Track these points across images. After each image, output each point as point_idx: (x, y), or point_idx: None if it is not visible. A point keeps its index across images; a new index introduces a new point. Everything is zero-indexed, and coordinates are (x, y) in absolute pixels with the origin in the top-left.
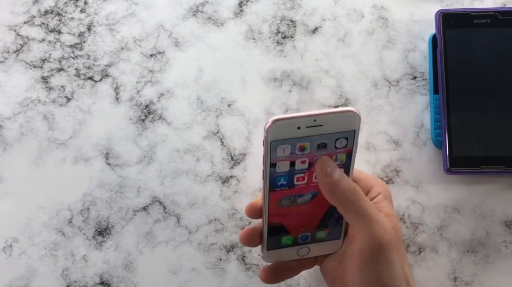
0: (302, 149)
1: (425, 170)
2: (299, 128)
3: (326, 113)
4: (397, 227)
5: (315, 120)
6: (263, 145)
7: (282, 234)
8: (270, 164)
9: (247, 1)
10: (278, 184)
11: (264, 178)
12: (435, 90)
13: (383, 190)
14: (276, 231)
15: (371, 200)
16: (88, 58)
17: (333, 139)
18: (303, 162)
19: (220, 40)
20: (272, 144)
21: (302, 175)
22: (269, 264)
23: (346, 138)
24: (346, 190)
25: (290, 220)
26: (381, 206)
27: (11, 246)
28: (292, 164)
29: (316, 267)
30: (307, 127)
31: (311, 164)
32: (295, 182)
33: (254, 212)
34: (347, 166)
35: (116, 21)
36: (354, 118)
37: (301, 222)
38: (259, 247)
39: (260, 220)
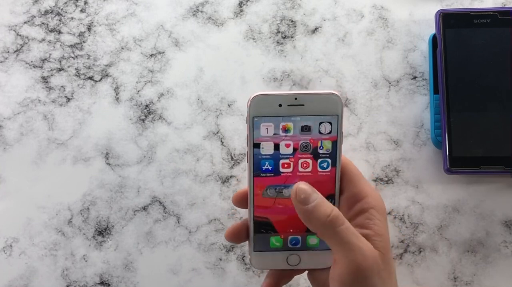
0: (286, 130)
1: (425, 170)
2: (280, 105)
3: (307, 93)
4: (386, 248)
5: (296, 99)
6: (246, 122)
7: (269, 233)
8: (254, 144)
9: (247, 1)
10: (263, 168)
11: (248, 161)
12: (435, 90)
13: (377, 205)
14: (263, 228)
15: (361, 212)
16: (88, 58)
17: (317, 122)
18: (287, 145)
19: (220, 40)
20: (254, 121)
21: (287, 161)
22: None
23: (330, 123)
24: (323, 216)
25: (277, 215)
26: (373, 223)
27: (11, 246)
28: (277, 147)
29: None
30: (289, 105)
31: (296, 149)
32: (281, 169)
33: (240, 200)
34: (333, 156)
35: (116, 21)
36: (335, 101)
37: (289, 220)
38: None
39: (247, 219)
